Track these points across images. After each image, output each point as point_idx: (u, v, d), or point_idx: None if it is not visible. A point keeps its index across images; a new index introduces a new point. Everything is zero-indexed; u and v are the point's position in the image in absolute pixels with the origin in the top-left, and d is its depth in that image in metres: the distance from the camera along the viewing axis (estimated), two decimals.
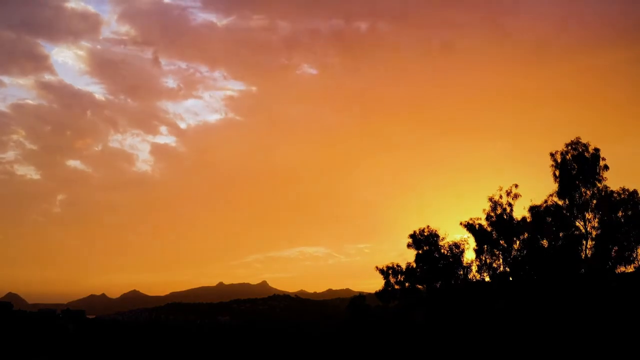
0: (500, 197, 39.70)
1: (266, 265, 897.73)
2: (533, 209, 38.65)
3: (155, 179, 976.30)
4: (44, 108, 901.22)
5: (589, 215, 36.90)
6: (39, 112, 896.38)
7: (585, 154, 37.59)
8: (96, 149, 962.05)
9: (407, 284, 39.95)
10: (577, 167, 37.51)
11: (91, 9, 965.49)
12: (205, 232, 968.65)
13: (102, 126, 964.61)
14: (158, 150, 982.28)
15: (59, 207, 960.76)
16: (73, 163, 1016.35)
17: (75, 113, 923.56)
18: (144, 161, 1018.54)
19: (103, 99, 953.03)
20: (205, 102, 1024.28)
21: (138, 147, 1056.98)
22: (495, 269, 39.38)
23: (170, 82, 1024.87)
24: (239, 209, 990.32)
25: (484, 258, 39.62)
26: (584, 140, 37.88)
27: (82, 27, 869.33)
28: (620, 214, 36.39)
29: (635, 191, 36.30)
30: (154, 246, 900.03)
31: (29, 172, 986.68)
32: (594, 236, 36.61)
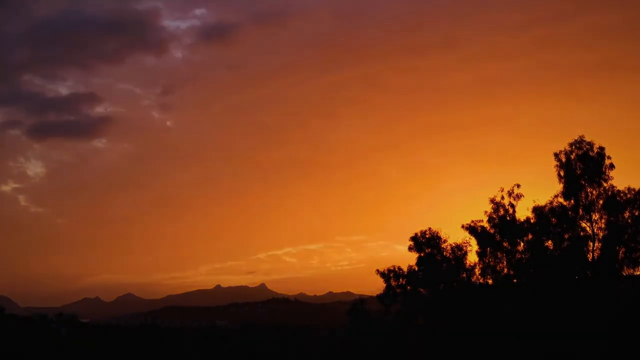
0: (502, 198, 38.80)
1: (299, 259, 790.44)
2: (537, 210, 37.77)
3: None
4: None
5: (595, 216, 35.99)
6: None
7: (590, 153, 36.70)
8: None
9: (408, 287, 39.03)
10: (582, 166, 36.63)
11: None
12: (222, 220, 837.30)
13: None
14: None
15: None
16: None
17: None
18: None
19: None
20: None
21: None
22: (498, 272, 38.45)
23: None
24: (263, 191, 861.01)
25: (487, 261, 38.69)
26: (588, 139, 37.11)
27: None
28: (627, 214, 35.58)
29: None
30: (152, 245, 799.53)
31: None
32: (600, 237, 35.75)
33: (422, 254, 39.03)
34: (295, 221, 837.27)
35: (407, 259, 41.62)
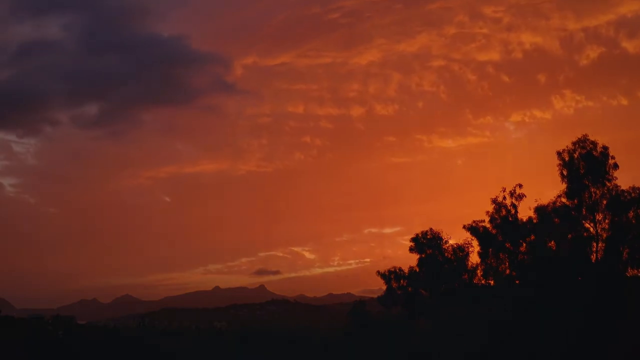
0: (504, 198, 38.35)
1: (321, 255, 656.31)
2: (539, 210, 37.33)
3: None
4: None
5: (599, 216, 35.58)
6: None
7: (594, 152, 36.33)
8: None
9: (409, 289, 38.62)
10: (586, 166, 36.23)
11: None
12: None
13: None
14: None
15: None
16: None
17: None
18: None
19: None
20: None
21: None
22: (500, 273, 38.00)
23: None
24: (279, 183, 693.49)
25: (489, 262, 38.25)
26: (591, 138, 36.69)
27: None
28: (631, 214, 35.16)
29: None
30: (151, 244, 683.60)
31: None
32: (604, 238, 35.31)
33: (423, 255, 38.64)
34: (320, 211, 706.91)
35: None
